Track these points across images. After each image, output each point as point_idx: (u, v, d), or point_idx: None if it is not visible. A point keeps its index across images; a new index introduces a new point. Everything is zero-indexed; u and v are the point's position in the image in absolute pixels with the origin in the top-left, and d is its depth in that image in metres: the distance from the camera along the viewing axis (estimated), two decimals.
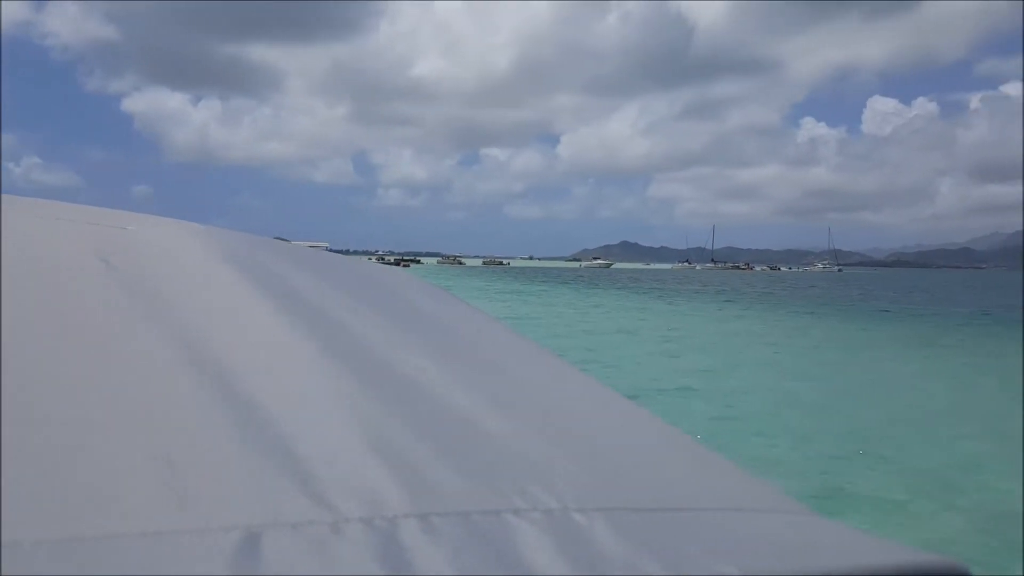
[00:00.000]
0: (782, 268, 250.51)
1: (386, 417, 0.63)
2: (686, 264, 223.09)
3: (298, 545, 0.45)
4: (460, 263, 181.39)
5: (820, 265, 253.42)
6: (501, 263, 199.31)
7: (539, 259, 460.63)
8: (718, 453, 0.81)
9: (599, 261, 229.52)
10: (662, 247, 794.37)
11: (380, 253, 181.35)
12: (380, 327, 0.86)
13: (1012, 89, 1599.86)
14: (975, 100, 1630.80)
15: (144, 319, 0.71)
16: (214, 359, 0.66)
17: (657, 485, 0.67)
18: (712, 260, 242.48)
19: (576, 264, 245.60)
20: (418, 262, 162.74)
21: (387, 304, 1.00)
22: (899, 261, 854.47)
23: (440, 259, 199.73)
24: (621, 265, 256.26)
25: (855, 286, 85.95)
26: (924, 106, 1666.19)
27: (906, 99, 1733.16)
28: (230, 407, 0.59)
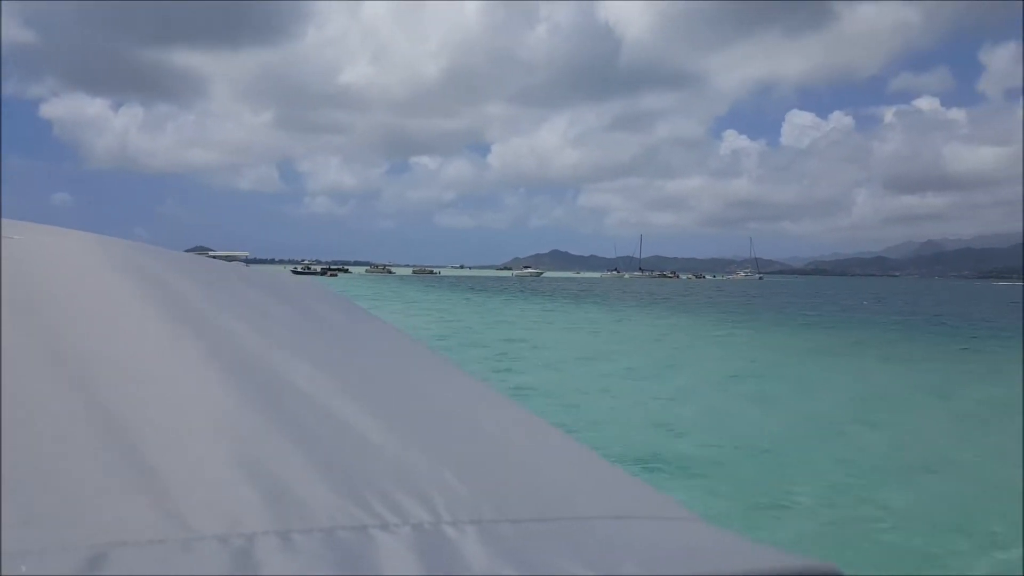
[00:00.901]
0: (706, 276, 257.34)
1: (258, 430, 0.62)
2: (615, 273, 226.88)
3: (145, 564, 0.44)
4: (390, 272, 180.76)
5: (742, 273, 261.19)
6: (431, 272, 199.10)
7: (470, 268, 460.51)
8: (609, 461, 0.82)
9: (530, 270, 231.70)
10: (591, 256, 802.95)
11: (307, 262, 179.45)
12: (267, 337, 0.85)
13: (924, 103, 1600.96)
14: (889, 114, 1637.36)
15: (11, 329, 0.70)
16: (79, 372, 0.64)
17: (540, 495, 0.67)
18: (640, 269, 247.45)
19: (507, 273, 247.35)
20: (346, 271, 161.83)
21: (279, 314, 0.98)
22: (817, 269, 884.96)
23: (369, 268, 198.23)
24: (551, 274, 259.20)
25: (783, 293, 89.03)
26: (840, 120, 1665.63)
27: (823, 113, 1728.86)
28: (89, 421, 0.58)
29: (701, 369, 19.46)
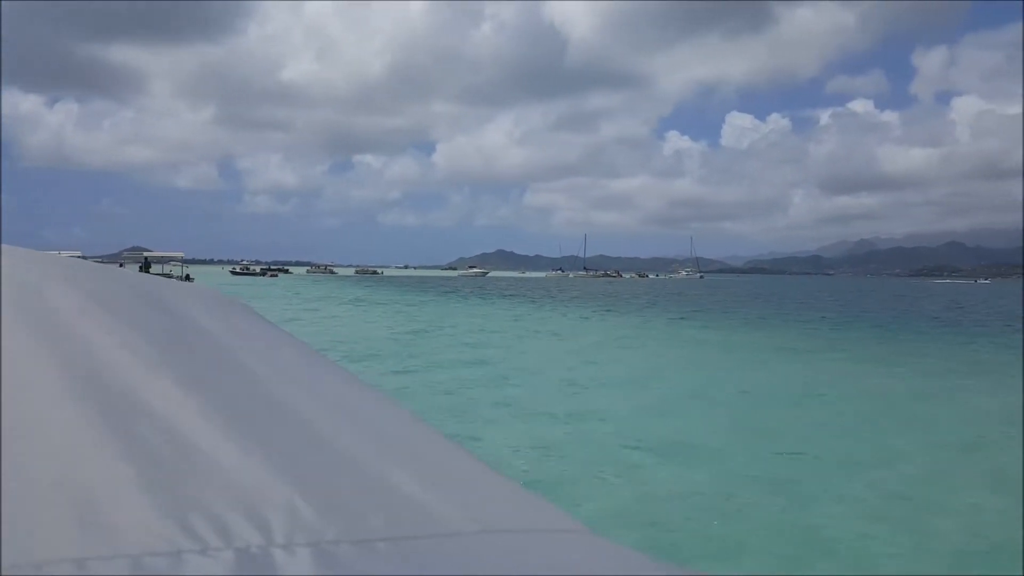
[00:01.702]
0: (649, 275, 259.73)
1: (80, 447, 0.58)
2: (559, 272, 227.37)
3: None
4: (332, 272, 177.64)
5: (684, 272, 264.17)
6: (375, 272, 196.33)
7: (415, 268, 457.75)
8: (499, 472, 0.80)
9: (475, 270, 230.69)
10: (537, 255, 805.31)
11: (245, 262, 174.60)
12: (121, 347, 0.80)
13: (859, 105, 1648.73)
14: (825, 116, 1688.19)
15: None
16: None
17: (400, 511, 0.64)
18: (584, 268, 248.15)
19: (453, 273, 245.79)
20: (286, 271, 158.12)
21: (142, 321, 0.93)
22: (755, 268, 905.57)
23: (310, 268, 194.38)
24: (497, 273, 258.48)
25: (721, 291, 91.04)
26: (777, 122, 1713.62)
27: (761, 115, 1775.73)
28: None
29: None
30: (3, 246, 0.94)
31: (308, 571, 0.50)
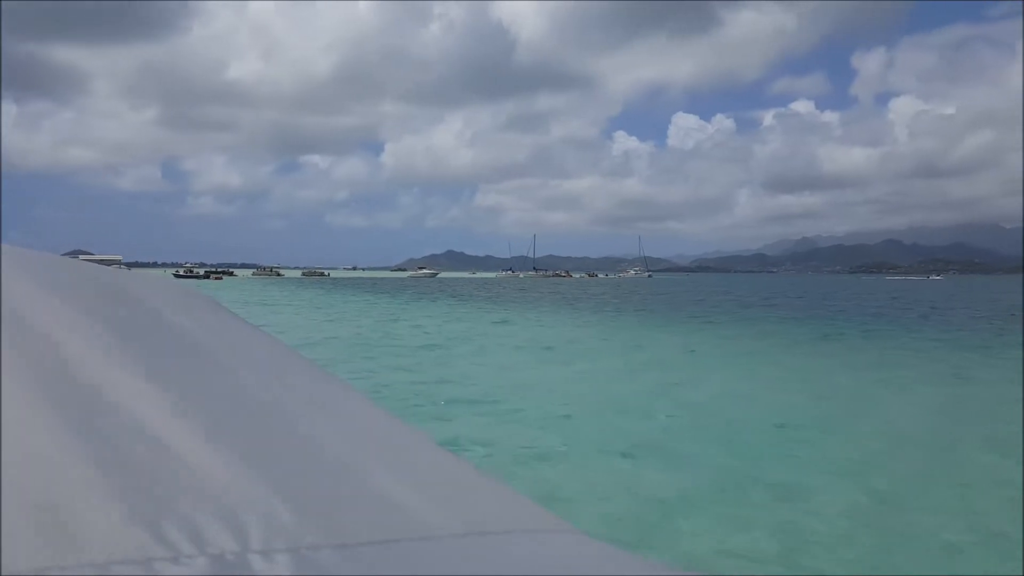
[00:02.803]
0: (599, 275, 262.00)
1: (45, 451, 0.55)
2: (510, 272, 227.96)
3: None
4: (278, 274, 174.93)
5: (632, 271, 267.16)
6: (322, 274, 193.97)
7: (363, 269, 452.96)
8: (485, 473, 0.79)
9: (425, 271, 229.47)
10: (487, 256, 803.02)
11: (189, 265, 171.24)
12: (88, 344, 0.75)
13: (801, 106, 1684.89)
14: (768, 117, 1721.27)
15: None
16: None
17: (383, 514, 0.62)
18: (534, 268, 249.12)
19: (403, 274, 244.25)
20: (231, 274, 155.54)
21: (111, 317, 0.87)
22: (701, 267, 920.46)
23: (256, 270, 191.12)
24: (447, 274, 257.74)
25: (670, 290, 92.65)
26: (722, 122, 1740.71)
27: (706, 116, 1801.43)
28: None
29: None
30: None
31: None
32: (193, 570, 0.46)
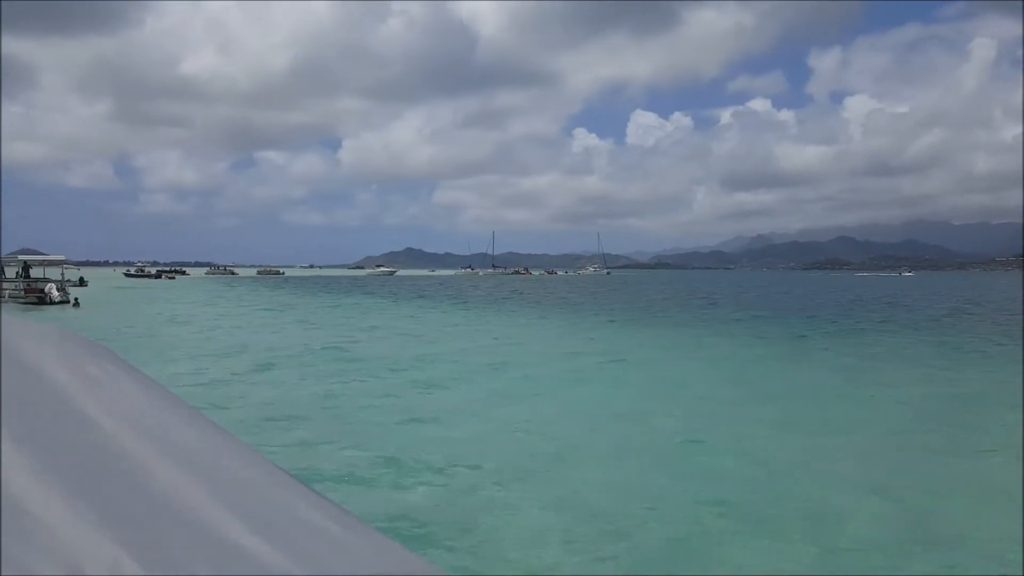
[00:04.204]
0: (558, 272, 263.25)
1: None
2: (469, 270, 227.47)
3: None
4: (232, 273, 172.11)
5: (591, 268, 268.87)
6: (278, 273, 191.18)
7: (320, 267, 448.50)
8: (354, 516, 0.80)
9: (383, 269, 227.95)
10: (446, 253, 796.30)
11: (141, 263, 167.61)
12: None
13: (758, 104, 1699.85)
14: (726, 115, 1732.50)
15: None
16: None
17: (251, 559, 0.64)
18: (493, 265, 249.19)
19: (361, 272, 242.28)
20: (184, 273, 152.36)
21: None
22: (660, 264, 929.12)
23: (210, 269, 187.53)
24: (406, 272, 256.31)
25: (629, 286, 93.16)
26: (681, 120, 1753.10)
27: (665, 113, 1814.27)
28: None
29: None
30: None
31: None
32: None
